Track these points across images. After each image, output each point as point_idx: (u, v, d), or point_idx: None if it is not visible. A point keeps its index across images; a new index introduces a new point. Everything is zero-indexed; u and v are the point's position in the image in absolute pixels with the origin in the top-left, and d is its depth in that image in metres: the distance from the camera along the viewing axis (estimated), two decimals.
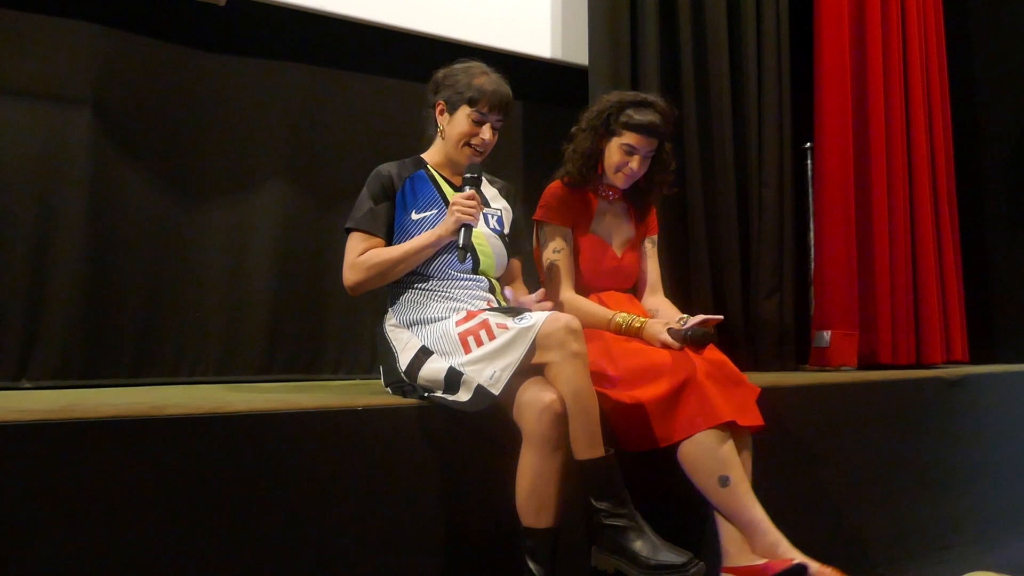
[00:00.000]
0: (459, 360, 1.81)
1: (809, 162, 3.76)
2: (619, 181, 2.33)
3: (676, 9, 3.30)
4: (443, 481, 1.82)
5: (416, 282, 2.04)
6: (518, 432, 1.76)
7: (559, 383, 1.74)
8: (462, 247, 1.95)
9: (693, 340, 2.05)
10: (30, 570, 1.41)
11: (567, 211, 2.33)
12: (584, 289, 2.32)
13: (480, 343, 1.80)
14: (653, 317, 2.25)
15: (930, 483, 2.85)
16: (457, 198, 1.98)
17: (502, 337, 1.77)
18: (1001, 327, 4.23)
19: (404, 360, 1.94)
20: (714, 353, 2.10)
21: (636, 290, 2.46)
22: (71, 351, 2.58)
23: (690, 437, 1.94)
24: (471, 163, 2.07)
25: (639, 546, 1.74)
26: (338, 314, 3.06)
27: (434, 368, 1.86)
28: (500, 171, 2.35)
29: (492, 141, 2.11)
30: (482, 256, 2.07)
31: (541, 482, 1.72)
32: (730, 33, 3.41)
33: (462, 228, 1.96)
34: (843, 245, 3.52)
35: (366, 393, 2.06)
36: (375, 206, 2.06)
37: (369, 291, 2.06)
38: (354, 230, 2.05)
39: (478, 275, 2.07)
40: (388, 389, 2.03)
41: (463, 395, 1.78)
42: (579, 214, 2.35)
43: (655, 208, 2.50)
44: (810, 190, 3.74)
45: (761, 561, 1.90)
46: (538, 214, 2.34)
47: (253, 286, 2.93)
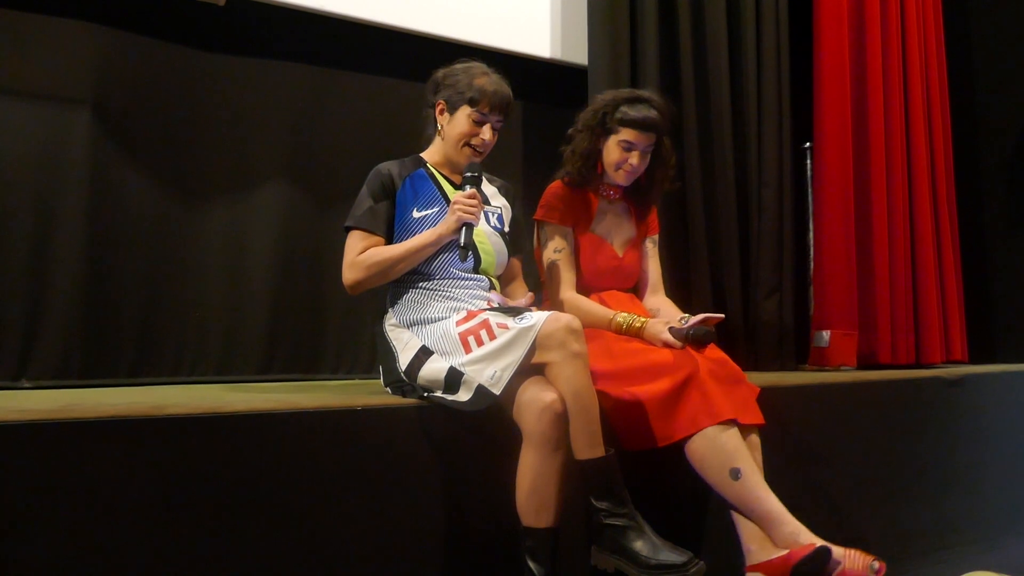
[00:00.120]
0: (459, 360, 1.81)
1: (809, 162, 3.76)
2: (620, 179, 2.32)
3: (676, 9, 3.30)
4: (443, 481, 1.82)
5: (417, 281, 2.04)
6: (518, 432, 1.76)
7: (559, 383, 1.74)
8: (464, 246, 1.95)
9: (695, 339, 2.05)
10: (30, 570, 1.41)
11: (568, 211, 2.32)
12: (585, 289, 2.32)
13: (480, 343, 1.80)
14: (654, 317, 2.25)
15: (929, 483, 2.84)
16: (458, 197, 1.98)
17: (503, 337, 1.77)
18: (1000, 327, 4.23)
19: (404, 360, 1.94)
20: (715, 352, 2.10)
21: (637, 290, 2.46)
22: (71, 351, 2.58)
23: (698, 433, 1.94)
24: (471, 162, 2.07)
25: (639, 546, 1.74)
26: (338, 314, 3.06)
27: (434, 368, 1.86)
28: (500, 171, 2.35)
29: (492, 141, 2.11)
30: (483, 254, 2.07)
31: (541, 482, 1.72)
32: (729, 32, 3.41)
33: (463, 227, 1.96)
34: (843, 245, 3.52)
35: (366, 393, 2.06)
36: (375, 204, 2.05)
37: (369, 290, 2.06)
38: (354, 228, 2.05)
39: (478, 274, 2.07)
40: (388, 389, 2.03)
41: (463, 395, 1.78)
42: (580, 214, 2.35)
43: (656, 207, 2.50)
44: (809, 190, 3.74)
45: (783, 552, 1.88)
46: (539, 214, 2.34)
47: (253, 286, 2.93)
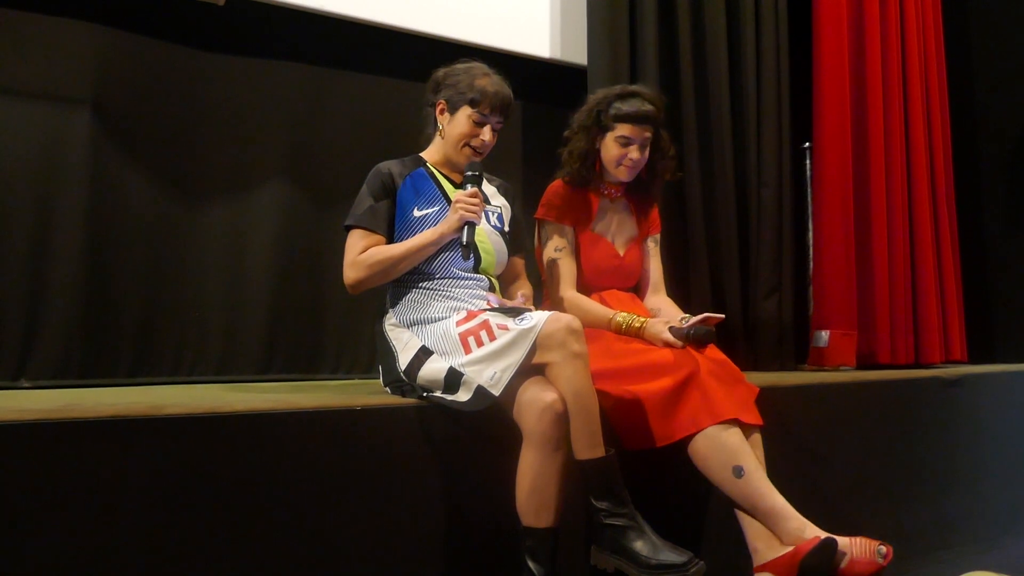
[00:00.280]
0: (459, 360, 1.81)
1: (808, 162, 3.75)
2: (622, 175, 2.32)
3: (675, 9, 3.30)
4: (443, 481, 1.82)
5: (417, 281, 2.04)
6: (518, 432, 1.76)
7: (560, 383, 1.74)
8: (465, 245, 1.95)
9: (695, 339, 2.05)
10: (29, 570, 1.41)
11: (568, 209, 2.33)
12: (586, 288, 2.32)
13: (480, 344, 1.80)
14: (654, 316, 2.25)
15: (928, 483, 2.85)
16: (460, 196, 1.98)
17: (503, 338, 1.77)
18: (999, 327, 4.24)
19: (404, 360, 1.94)
20: (715, 353, 2.10)
21: (638, 289, 2.46)
22: (70, 350, 2.58)
23: (699, 432, 1.94)
24: (472, 161, 2.07)
25: (639, 546, 1.74)
26: (337, 314, 3.06)
27: (434, 368, 1.85)
28: (499, 171, 2.35)
29: (492, 142, 2.11)
30: (483, 254, 2.07)
31: (541, 482, 1.72)
32: (729, 32, 3.41)
33: (465, 226, 1.96)
34: (842, 245, 3.52)
35: (365, 393, 2.05)
36: (375, 203, 2.05)
37: (369, 290, 2.05)
38: (354, 227, 2.05)
39: (478, 274, 2.07)
40: (387, 389, 2.03)
41: (463, 395, 1.78)
42: (581, 212, 2.35)
43: (657, 205, 2.50)
44: (809, 190, 3.74)
45: (790, 548, 1.88)
46: (539, 212, 2.34)
47: (252, 286, 2.93)
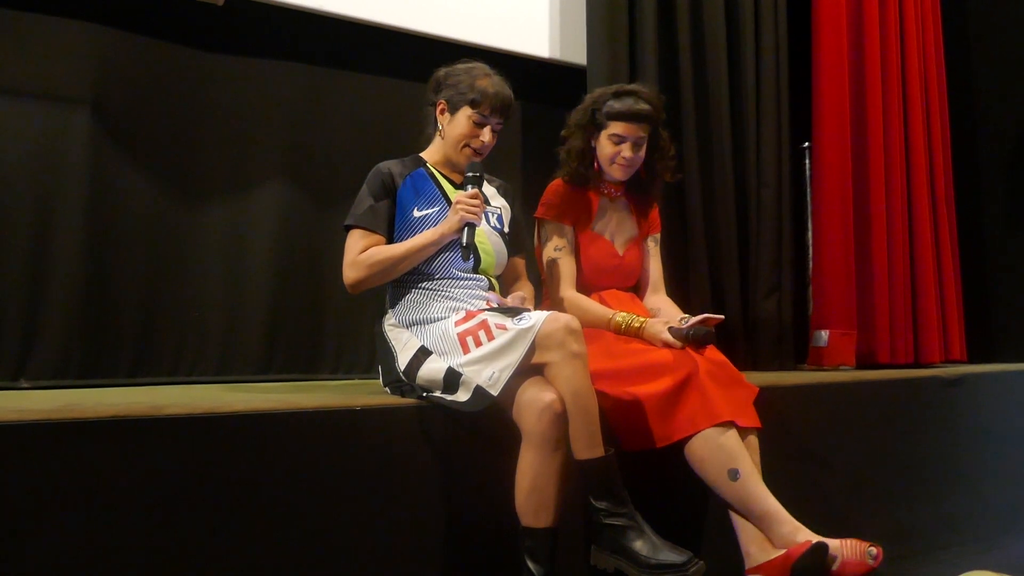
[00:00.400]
0: (458, 360, 1.81)
1: (807, 162, 3.75)
2: (616, 173, 2.32)
3: (674, 8, 3.30)
4: (442, 481, 1.82)
5: (417, 281, 2.04)
6: (517, 432, 1.76)
7: (559, 383, 1.74)
8: (465, 246, 1.95)
9: (694, 339, 2.05)
10: (28, 570, 1.41)
11: (568, 209, 2.33)
12: (586, 287, 2.32)
13: (479, 343, 1.80)
14: (654, 316, 2.25)
15: (928, 482, 2.84)
16: (460, 196, 1.98)
17: (501, 338, 1.77)
18: (999, 326, 4.23)
19: (403, 360, 1.94)
20: (715, 354, 2.10)
21: (638, 289, 2.46)
22: (69, 351, 2.58)
23: (696, 434, 1.94)
24: (472, 161, 2.07)
25: (639, 546, 1.74)
26: (337, 314, 3.06)
27: (433, 368, 1.86)
28: (499, 171, 2.35)
29: (491, 143, 2.11)
30: (482, 254, 2.07)
31: (541, 482, 1.72)
32: (728, 32, 3.41)
33: (466, 226, 1.96)
34: (841, 244, 3.52)
35: (365, 393, 2.06)
36: (375, 203, 2.05)
37: (368, 289, 2.05)
38: (354, 227, 2.05)
39: (478, 274, 2.07)
40: (387, 389, 2.03)
41: (462, 395, 1.78)
42: (580, 212, 2.35)
43: (658, 204, 2.50)
44: (808, 190, 3.74)
45: (782, 552, 1.89)
46: (539, 212, 2.34)
47: (252, 286, 2.93)
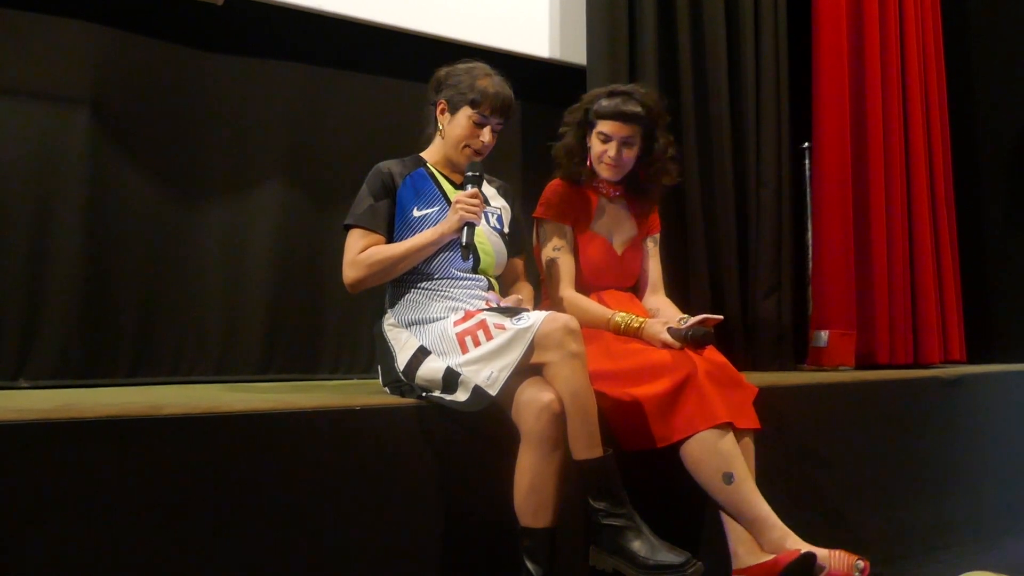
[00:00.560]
0: (457, 360, 1.81)
1: (807, 162, 3.75)
2: (604, 172, 2.33)
3: (674, 9, 3.30)
4: (441, 481, 1.82)
5: (416, 281, 2.04)
6: (516, 432, 1.76)
7: (557, 383, 1.74)
8: (465, 245, 1.95)
9: (693, 340, 2.05)
10: (27, 569, 1.41)
11: (567, 208, 2.33)
12: (584, 287, 2.32)
13: (478, 343, 1.80)
14: (653, 316, 2.25)
15: (927, 482, 2.85)
16: (460, 196, 1.98)
17: (500, 338, 1.77)
18: (998, 327, 4.23)
19: (402, 360, 1.94)
20: (714, 355, 2.09)
21: (637, 289, 2.46)
22: (69, 350, 2.58)
23: (693, 436, 1.94)
24: (472, 161, 2.07)
25: (637, 546, 1.74)
26: (336, 314, 3.06)
27: (432, 368, 1.86)
28: (498, 171, 2.35)
29: (492, 143, 2.11)
30: (482, 254, 2.07)
31: (539, 482, 1.72)
32: (728, 32, 3.41)
33: (465, 226, 1.96)
34: (841, 245, 3.53)
35: (364, 393, 2.06)
36: (375, 203, 2.05)
37: (368, 289, 2.06)
38: (354, 227, 2.05)
39: (477, 274, 2.07)
40: (386, 389, 2.03)
41: (461, 395, 1.78)
42: (579, 211, 2.35)
43: (657, 205, 2.50)
44: (808, 190, 3.74)
45: (769, 557, 1.89)
46: (538, 212, 2.34)
47: (251, 286, 2.93)
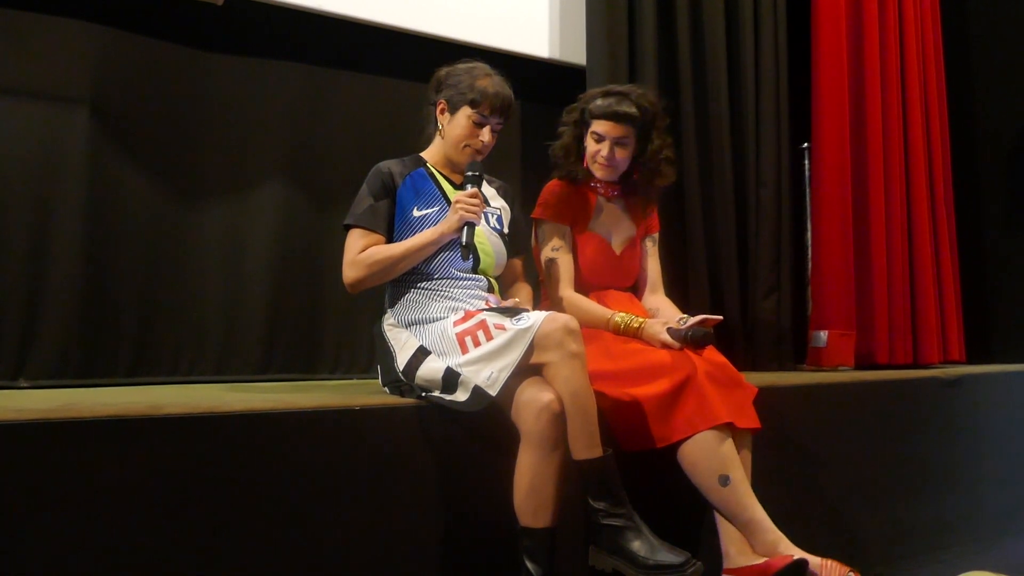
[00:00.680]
0: (457, 360, 1.81)
1: (806, 162, 3.76)
2: (598, 171, 2.33)
3: (674, 9, 3.30)
4: (441, 481, 1.82)
5: (416, 281, 2.04)
6: (516, 432, 1.76)
7: (557, 383, 1.74)
8: (465, 245, 1.95)
9: (693, 340, 2.05)
10: (27, 570, 1.41)
11: (566, 209, 2.33)
12: (583, 287, 2.32)
13: (477, 343, 1.80)
14: (653, 316, 2.25)
15: (927, 483, 2.85)
16: (460, 196, 1.98)
17: (500, 338, 1.77)
18: (998, 327, 4.24)
19: (402, 360, 1.94)
20: (714, 355, 2.09)
21: (636, 288, 2.46)
22: (68, 350, 2.58)
23: (691, 437, 1.94)
24: (472, 161, 2.07)
25: (637, 546, 1.75)
26: (336, 313, 3.06)
27: (432, 368, 1.86)
28: (498, 171, 2.35)
29: (491, 143, 2.11)
30: (482, 255, 2.07)
31: (539, 482, 1.72)
32: (728, 32, 3.41)
33: (465, 226, 1.96)
34: (840, 245, 3.53)
35: (364, 393, 2.06)
36: (375, 203, 2.05)
37: (368, 289, 2.06)
38: (354, 227, 2.05)
39: (477, 274, 2.07)
40: (386, 389, 2.03)
41: (460, 395, 1.78)
42: (578, 211, 2.35)
43: (656, 205, 2.50)
44: (807, 190, 3.74)
45: (761, 560, 1.90)
46: (536, 212, 2.34)
47: (251, 285, 2.93)
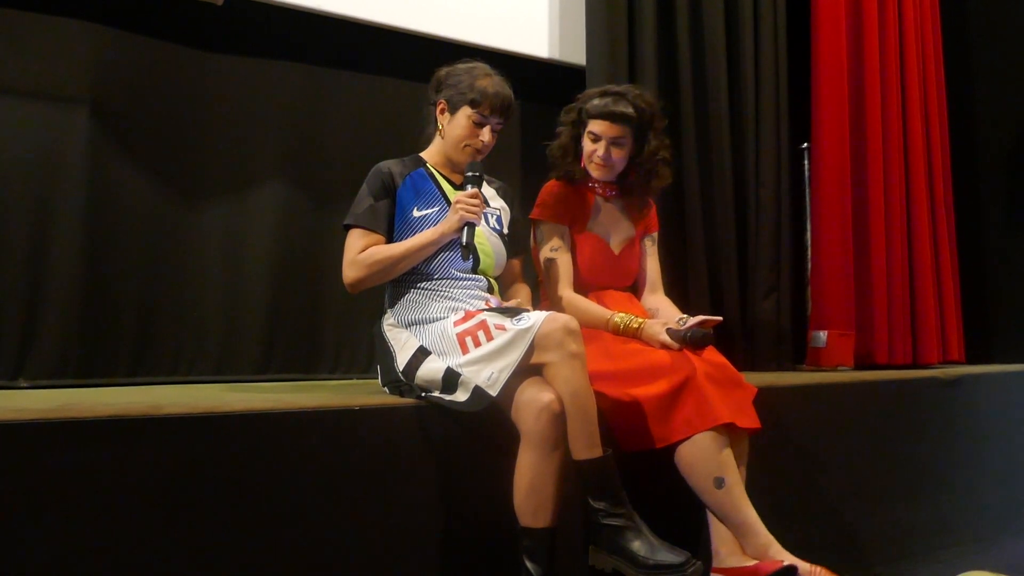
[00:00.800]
0: (457, 360, 1.81)
1: (806, 162, 3.76)
2: (594, 171, 2.33)
3: (674, 9, 3.30)
4: (441, 481, 1.82)
5: (416, 281, 2.04)
6: (516, 432, 1.76)
7: (557, 383, 1.74)
8: (465, 245, 1.95)
9: (692, 341, 2.05)
10: (27, 570, 1.41)
11: (564, 209, 2.33)
12: (582, 287, 2.32)
13: (478, 344, 1.80)
14: (652, 317, 2.25)
15: (926, 483, 2.85)
16: (460, 196, 1.98)
17: (500, 338, 1.77)
18: (997, 327, 4.23)
19: (402, 360, 1.94)
20: (714, 355, 2.09)
21: (635, 288, 2.46)
22: (68, 350, 2.58)
23: (689, 438, 1.94)
24: (472, 161, 2.07)
25: (637, 546, 1.75)
26: (336, 313, 3.06)
27: (432, 368, 1.86)
28: (497, 171, 2.35)
29: (491, 143, 2.11)
30: (482, 255, 2.07)
31: (539, 482, 1.72)
32: (727, 32, 3.41)
33: (465, 226, 1.96)
34: (840, 245, 3.53)
35: (364, 393, 2.06)
36: (375, 203, 2.05)
37: (368, 289, 2.06)
38: (354, 227, 2.05)
39: (477, 275, 2.07)
40: (385, 389, 2.03)
41: (461, 395, 1.78)
42: (576, 212, 2.35)
43: (655, 205, 2.50)
44: (807, 190, 3.74)
45: (751, 562, 1.91)
46: (535, 213, 2.34)
47: (251, 285, 2.93)
